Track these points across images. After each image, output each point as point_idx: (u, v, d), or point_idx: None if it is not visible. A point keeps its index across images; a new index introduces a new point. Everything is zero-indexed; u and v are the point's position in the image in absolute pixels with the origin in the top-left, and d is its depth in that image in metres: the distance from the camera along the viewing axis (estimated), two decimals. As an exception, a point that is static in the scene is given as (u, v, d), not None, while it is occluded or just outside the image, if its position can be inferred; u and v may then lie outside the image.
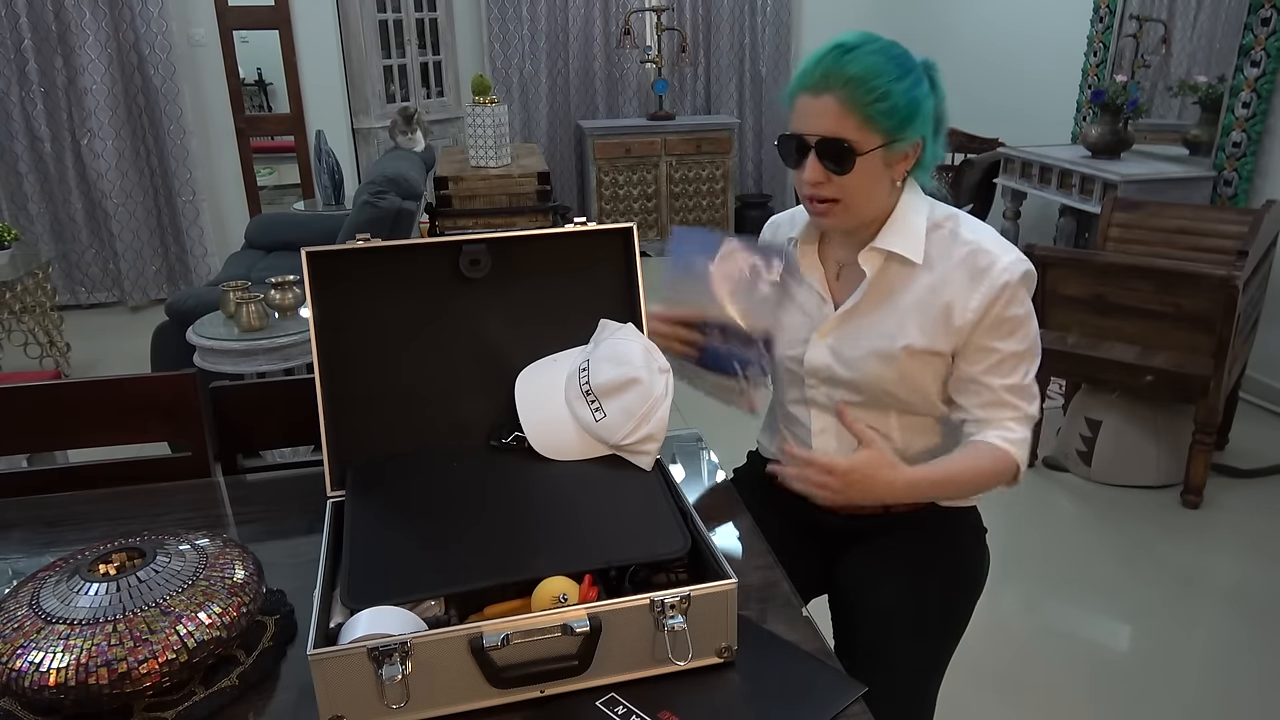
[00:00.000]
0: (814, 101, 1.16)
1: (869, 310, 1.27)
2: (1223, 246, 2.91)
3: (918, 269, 1.23)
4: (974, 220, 1.27)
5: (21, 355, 4.02)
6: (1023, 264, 1.21)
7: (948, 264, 1.23)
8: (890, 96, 1.15)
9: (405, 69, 5.38)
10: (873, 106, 1.14)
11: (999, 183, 4.29)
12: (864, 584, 1.33)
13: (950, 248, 1.23)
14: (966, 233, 1.24)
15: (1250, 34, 3.36)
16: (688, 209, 5.65)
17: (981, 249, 1.21)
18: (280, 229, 4.37)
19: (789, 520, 1.42)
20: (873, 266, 1.24)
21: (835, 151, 1.16)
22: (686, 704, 0.94)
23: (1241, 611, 2.35)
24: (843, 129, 1.15)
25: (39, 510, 1.38)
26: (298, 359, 2.67)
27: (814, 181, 1.18)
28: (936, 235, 1.24)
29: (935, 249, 1.24)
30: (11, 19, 4.52)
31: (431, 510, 1.14)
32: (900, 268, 1.24)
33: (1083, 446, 2.97)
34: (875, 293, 1.26)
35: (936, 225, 1.25)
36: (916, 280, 1.24)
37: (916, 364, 1.24)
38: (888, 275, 1.25)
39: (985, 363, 1.22)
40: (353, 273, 1.24)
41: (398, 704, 0.90)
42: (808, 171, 1.18)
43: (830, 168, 1.17)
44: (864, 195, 1.20)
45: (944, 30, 5.34)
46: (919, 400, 1.28)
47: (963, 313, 1.21)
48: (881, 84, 1.14)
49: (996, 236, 1.24)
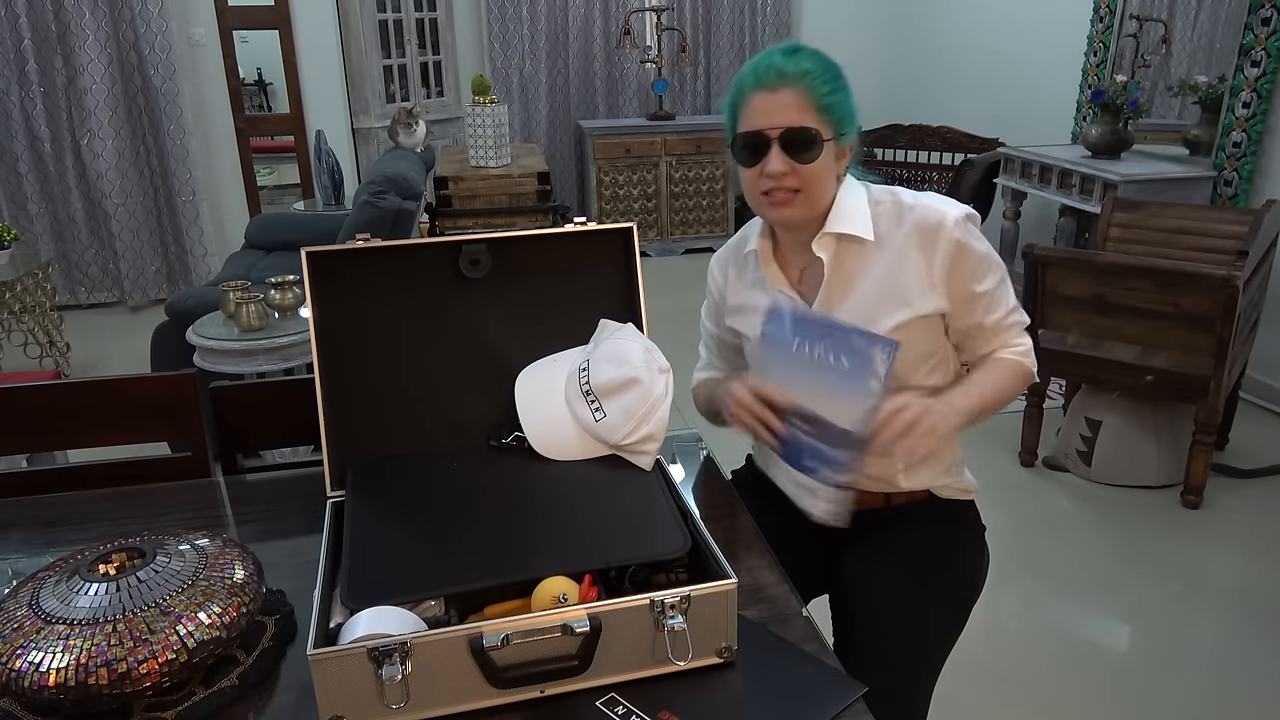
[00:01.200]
0: (772, 98, 1.21)
1: (839, 299, 1.28)
2: (1223, 246, 2.91)
3: (871, 247, 1.27)
4: (909, 190, 1.31)
5: (21, 355, 4.02)
6: (964, 209, 1.27)
7: (899, 233, 1.27)
8: (838, 92, 1.23)
9: (405, 69, 5.38)
10: (829, 98, 1.21)
11: (999, 183, 4.29)
12: (863, 584, 1.33)
13: (896, 218, 1.27)
14: (907, 199, 1.29)
15: (1250, 34, 3.36)
16: (688, 209, 5.66)
17: (926, 208, 1.26)
18: (280, 229, 4.37)
19: (789, 520, 1.42)
20: (828, 253, 1.27)
21: (801, 140, 1.20)
22: (686, 704, 0.94)
23: (1242, 612, 2.35)
24: (804, 119, 1.20)
25: (39, 510, 1.38)
26: (298, 359, 2.67)
27: (778, 173, 1.21)
28: (879, 210, 1.28)
29: (883, 224, 1.28)
30: (11, 19, 4.52)
31: (431, 510, 1.14)
32: (856, 249, 1.27)
33: (1083, 446, 2.97)
34: (838, 279, 1.28)
35: (877, 201, 1.29)
36: (874, 259, 1.27)
37: (913, 333, 1.26)
38: (845, 260, 1.28)
39: (977, 308, 1.29)
40: (353, 273, 1.24)
41: (398, 704, 0.90)
42: (771, 164, 1.21)
43: (795, 157, 1.21)
44: (821, 185, 1.24)
45: (944, 30, 5.34)
46: (921, 370, 1.31)
47: (929, 273, 1.25)
48: (830, 78, 1.22)
49: (934, 195, 1.30)
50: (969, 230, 1.26)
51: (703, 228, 5.71)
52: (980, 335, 1.32)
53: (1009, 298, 1.32)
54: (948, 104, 5.27)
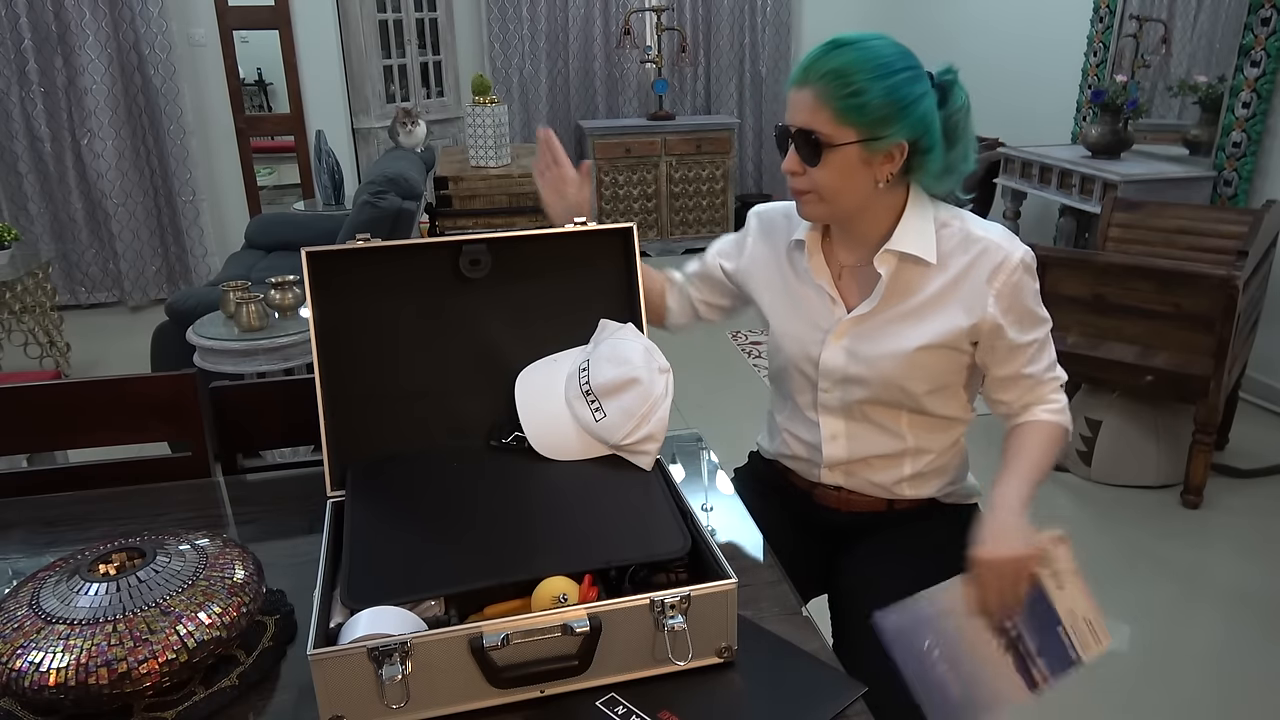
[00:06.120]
0: (797, 94, 1.19)
1: (884, 310, 1.27)
2: (1223, 246, 2.91)
3: (931, 269, 1.25)
4: (978, 217, 1.29)
5: (21, 355, 4.02)
6: (1030, 254, 1.25)
7: (962, 261, 1.24)
8: (865, 94, 1.15)
9: (405, 69, 5.38)
10: (845, 101, 1.15)
11: (999, 183, 4.29)
12: (864, 583, 1.33)
13: (962, 245, 1.25)
14: (976, 229, 1.26)
15: (1250, 34, 3.36)
16: (688, 209, 5.65)
17: (993, 244, 1.24)
18: (280, 229, 4.37)
19: (789, 520, 1.42)
20: (888, 269, 1.25)
21: (807, 143, 1.18)
22: (686, 704, 0.94)
23: (1242, 611, 2.35)
24: (815, 121, 1.17)
25: (39, 510, 1.38)
26: (298, 359, 2.67)
27: (790, 171, 1.22)
28: (946, 233, 1.26)
29: (946, 247, 1.25)
30: (11, 19, 4.52)
31: (431, 510, 1.14)
32: (914, 268, 1.26)
33: (1083, 446, 2.97)
34: (893, 294, 1.27)
35: (944, 224, 1.26)
36: (930, 280, 1.25)
37: (934, 358, 1.26)
38: (903, 276, 1.26)
39: (1021, 358, 1.27)
40: (353, 273, 1.24)
41: (398, 704, 0.90)
42: (785, 161, 1.22)
43: (804, 158, 1.19)
44: (836, 190, 1.21)
45: (944, 30, 5.34)
46: (936, 396, 1.30)
47: (983, 309, 1.23)
48: (858, 80, 1.15)
49: (1000, 229, 1.27)
50: (1029, 273, 1.25)
51: (703, 228, 5.71)
52: (1019, 385, 1.30)
53: (1051, 352, 1.31)
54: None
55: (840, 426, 1.34)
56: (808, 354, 1.32)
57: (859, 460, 1.35)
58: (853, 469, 1.36)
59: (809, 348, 1.32)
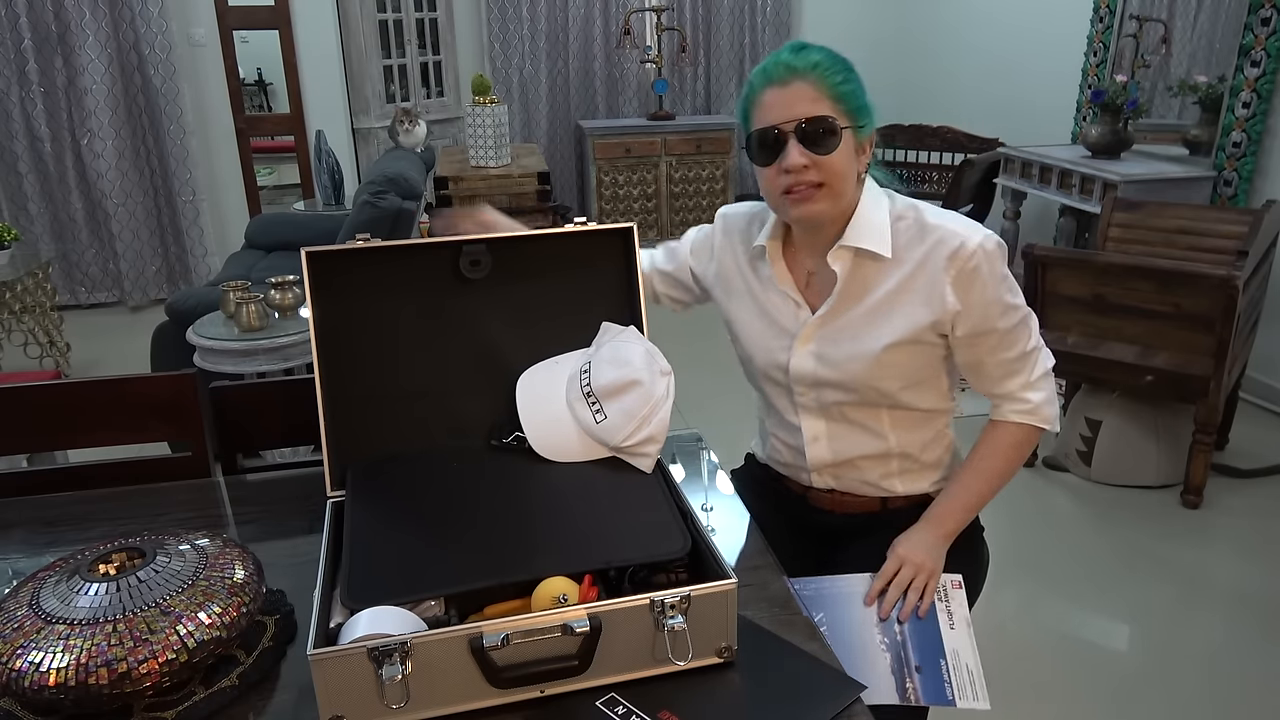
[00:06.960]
0: (783, 92, 1.18)
1: (846, 310, 1.27)
2: (1223, 246, 2.91)
3: (888, 263, 1.24)
4: (935, 207, 1.28)
5: (21, 355, 4.02)
6: (991, 239, 1.22)
7: (917, 253, 1.23)
8: (850, 82, 1.20)
9: (405, 69, 5.38)
10: (841, 86, 1.19)
11: (999, 183, 4.29)
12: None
13: (917, 237, 1.24)
14: (931, 219, 1.24)
15: (1250, 34, 3.36)
16: (688, 209, 5.65)
17: (948, 232, 1.22)
18: (280, 229, 4.37)
19: (788, 520, 1.42)
20: (843, 265, 1.25)
21: (818, 130, 1.17)
22: (686, 704, 0.94)
23: (1242, 612, 2.35)
24: (819, 108, 1.17)
25: (39, 510, 1.38)
26: (298, 359, 2.67)
27: (797, 166, 1.18)
28: (901, 226, 1.25)
29: (902, 240, 1.24)
30: (11, 19, 4.52)
31: (431, 510, 1.14)
32: (871, 264, 1.25)
33: (1083, 446, 2.97)
34: (850, 292, 1.26)
35: (899, 216, 1.26)
36: (888, 275, 1.25)
37: (904, 355, 1.25)
38: (860, 273, 1.26)
39: (983, 346, 1.26)
40: (353, 272, 1.24)
41: (398, 704, 0.90)
42: (790, 158, 1.18)
43: (813, 149, 1.18)
44: (843, 178, 1.21)
45: (944, 30, 5.34)
46: (913, 391, 1.29)
47: (942, 299, 1.22)
48: (841, 70, 1.20)
49: (960, 218, 1.25)
50: (990, 259, 1.21)
51: (703, 228, 5.71)
52: (982, 372, 1.28)
53: (1025, 339, 1.27)
54: (947, 104, 5.27)
55: (821, 428, 1.34)
56: (776, 361, 1.32)
57: (845, 462, 1.35)
58: (840, 471, 1.36)
59: (776, 355, 1.32)
